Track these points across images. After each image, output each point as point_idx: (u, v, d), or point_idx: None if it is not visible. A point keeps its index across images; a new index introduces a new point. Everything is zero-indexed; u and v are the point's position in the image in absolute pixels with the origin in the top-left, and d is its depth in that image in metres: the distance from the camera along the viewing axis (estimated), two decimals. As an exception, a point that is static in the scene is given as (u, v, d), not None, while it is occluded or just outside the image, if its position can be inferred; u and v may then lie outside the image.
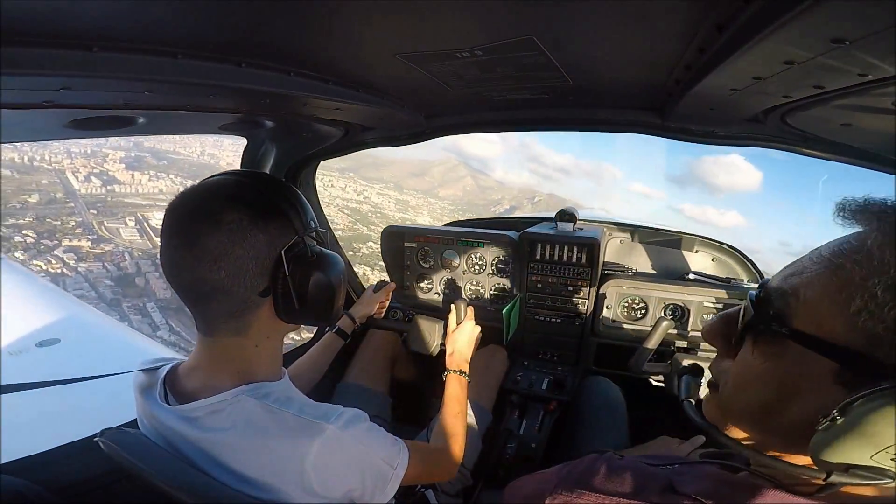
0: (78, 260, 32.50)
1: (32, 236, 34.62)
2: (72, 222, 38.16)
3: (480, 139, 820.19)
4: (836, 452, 0.60)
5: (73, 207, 43.36)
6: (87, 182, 54.63)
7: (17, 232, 35.21)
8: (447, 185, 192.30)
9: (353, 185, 57.13)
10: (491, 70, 1.27)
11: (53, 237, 35.57)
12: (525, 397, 2.42)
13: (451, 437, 1.52)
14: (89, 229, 37.13)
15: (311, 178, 2.49)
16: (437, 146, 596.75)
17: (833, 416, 0.59)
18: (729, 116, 1.46)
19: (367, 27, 0.98)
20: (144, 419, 1.15)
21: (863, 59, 0.76)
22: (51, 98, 0.97)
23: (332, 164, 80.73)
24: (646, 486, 0.82)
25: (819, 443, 0.61)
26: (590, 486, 0.86)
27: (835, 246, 0.67)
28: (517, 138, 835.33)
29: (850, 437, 0.58)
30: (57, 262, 32.11)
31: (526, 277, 2.56)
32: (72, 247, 33.35)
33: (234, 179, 1.06)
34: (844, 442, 0.59)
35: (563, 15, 0.92)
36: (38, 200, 41.94)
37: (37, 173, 47.69)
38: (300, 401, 1.09)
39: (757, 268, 2.58)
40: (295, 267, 1.04)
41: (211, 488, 0.98)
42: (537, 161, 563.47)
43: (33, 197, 42.37)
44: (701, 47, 0.98)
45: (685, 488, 0.78)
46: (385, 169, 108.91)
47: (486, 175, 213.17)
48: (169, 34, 0.90)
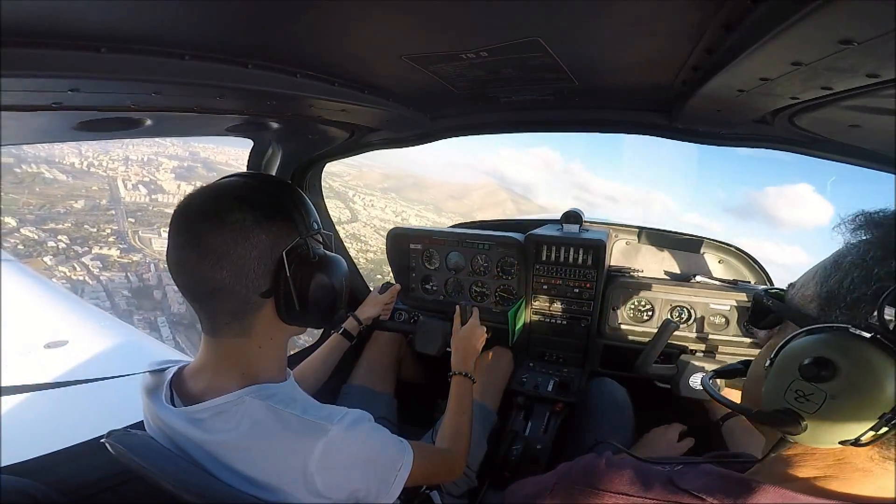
0: (102, 268, 32.46)
1: (65, 242, 34.67)
2: (108, 230, 38.34)
3: (524, 165, 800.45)
4: (767, 396, 0.75)
5: (114, 215, 43.45)
6: (135, 190, 54.49)
7: (52, 236, 35.22)
8: (486, 209, 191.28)
9: (393, 205, 57.33)
10: (496, 71, 1.27)
11: (86, 244, 35.59)
12: (531, 398, 2.41)
13: (456, 439, 1.52)
14: (123, 238, 37.21)
15: (317, 180, 2.50)
16: (478, 170, 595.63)
17: (768, 364, 0.76)
18: (736, 117, 1.46)
19: (374, 29, 0.99)
20: (150, 421, 1.15)
21: (871, 61, 0.76)
22: (59, 100, 0.98)
23: (375, 183, 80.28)
24: (646, 482, 0.84)
25: (764, 390, 0.76)
26: (589, 483, 0.88)
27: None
28: (561, 164, 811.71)
29: (771, 378, 0.75)
30: (81, 269, 32.14)
31: (531, 279, 2.55)
32: (100, 255, 33.34)
33: (239, 180, 1.07)
34: (769, 384, 0.75)
35: (568, 16, 0.92)
36: (83, 206, 41.98)
37: (89, 178, 47.77)
38: (304, 402, 1.09)
39: (764, 270, 2.56)
40: (297, 268, 1.04)
41: (216, 489, 0.99)
42: (583, 188, 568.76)
43: (79, 202, 42.36)
44: (708, 48, 0.98)
45: (686, 485, 0.80)
46: (426, 191, 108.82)
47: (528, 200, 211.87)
48: (177, 36, 0.90)
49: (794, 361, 0.70)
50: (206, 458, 1.04)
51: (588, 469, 0.92)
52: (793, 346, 0.72)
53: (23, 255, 33.76)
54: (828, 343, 0.68)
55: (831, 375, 0.66)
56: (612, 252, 2.67)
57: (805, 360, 0.68)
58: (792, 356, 0.71)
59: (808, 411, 0.69)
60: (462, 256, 2.75)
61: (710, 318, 2.39)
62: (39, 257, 33.03)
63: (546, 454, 2.16)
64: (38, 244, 34.54)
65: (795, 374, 0.70)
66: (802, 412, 0.70)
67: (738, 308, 2.33)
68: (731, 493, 0.76)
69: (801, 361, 0.69)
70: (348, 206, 48.23)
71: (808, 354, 0.69)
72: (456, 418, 1.58)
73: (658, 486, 0.82)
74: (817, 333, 0.70)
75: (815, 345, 0.69)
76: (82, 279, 31.28)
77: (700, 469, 0.85)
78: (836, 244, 0.81)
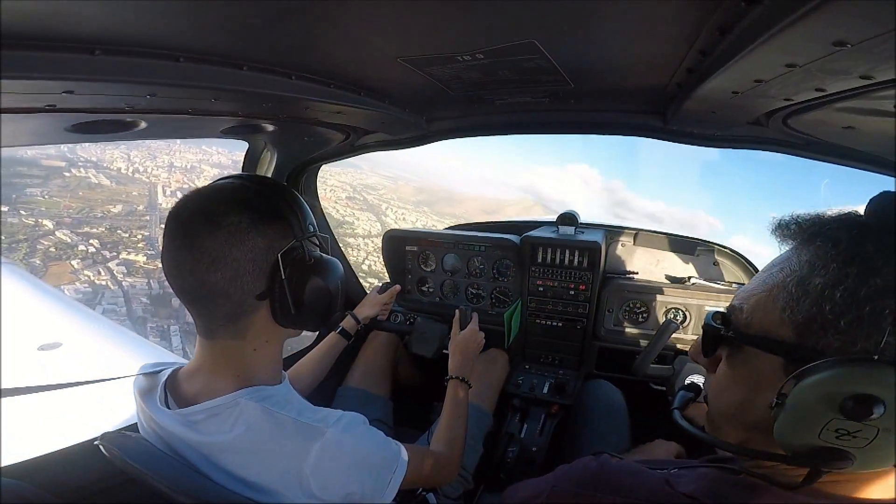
0: (126, 274, 32.17)
1: (96, 246, 34.43)
2: (139, 235, 38.22)
3: (561, 182, 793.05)
4: (789, 434, 0.69)
5: (148, 221, 43.41)
6: (172, 197, 53.80)
7: (84, 240, 34.97)
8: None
9: (424, 219, 57.53)
10: (492, 73, 1.27)
11: (115, 249, 35.41)
12: (526, 401, 2.42)
13: (451, 443, 1.51)
14: (152, 244, 37.08)
15: (312, 182, 2.49)
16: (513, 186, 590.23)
17: (777, 402, 0.68)
18: (731, 119, 1.46)
19: (369, 31, 0.98)
20: (145, 423, 1.15)
21: (865, 62, 0.76)
22: (53, 102, 0.98)
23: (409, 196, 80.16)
24: (643, 486, 0.84)
25: (777, 429, 0.69)
26: (587, 486, 0.88)
27: (769, 264, 0.81)
28: (601, 182, 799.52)
29: (792, 417, 0.67)
30: (105, 274, 31.91)
31: (527, 281, 2.55)
32: (127, 260, 32.98)
33: (235, 182, 1.07)
34: (791, 423, 0.68)
35: (564, 18, 0.92)
36: (120, 211, 41.76)
37: (132, 184, 47.56)
38: (300, 404, 1.09)
39: (758, 271, 2.57)
40: (292, 271, 1.04)
41: (211, 492, 0.98)
42: (624, 206, 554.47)
43: (117, 207, 42.10)
44: (703, 50, 0.99)
45: (684, 488, 0.80)
46: (459, 205, 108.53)
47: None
48: (171, 38, 0.90)
49: (825, 402, 0.64)
50: (200, 460, 1.03)
51: (586, 472, 0.92)
52: (813, 384, 0.65)
53: (53, 257, 33.66)
54: (864, 378, 0.62)
55: (882, 412, 0.61)
56: (608, 254, 2.68)
57: (844, 399, 0.62)
58: (820, 396, 0.64)
59: (856, 447, 0.65)
60: (458, 258, 2.76)
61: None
62: (68, 260, 32.91)
63: (542, 456, 2.16)
64: (69, 247, 34.29)
65: (833, 414, 0.64)
66: (848, 448, 0.65)
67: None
68: (731, 496, 0.76)
69: (838, 401, 0.63)
70: (380, 219, 48.28)
71: (843, 393, 0.63)
72: (451, 422, 1.58)
73: (656, 490, 0.82)
74: (836, 368, 0.64)
75: (849, 382, 0.63)
76: (105, 284, 31.07)
77: (697, 472, 0.85)
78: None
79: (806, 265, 0.71)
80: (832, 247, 0.69)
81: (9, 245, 34.67)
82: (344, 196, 56.17)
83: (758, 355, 0.75)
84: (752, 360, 0.77)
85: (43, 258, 33.53)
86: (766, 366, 0.74)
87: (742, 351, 0.79)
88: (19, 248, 34.32)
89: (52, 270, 32.28)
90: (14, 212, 38.52)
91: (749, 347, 0.77)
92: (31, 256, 33.54)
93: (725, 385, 0.83)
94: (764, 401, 0.72)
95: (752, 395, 0.76)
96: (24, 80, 0.82)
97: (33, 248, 34.48)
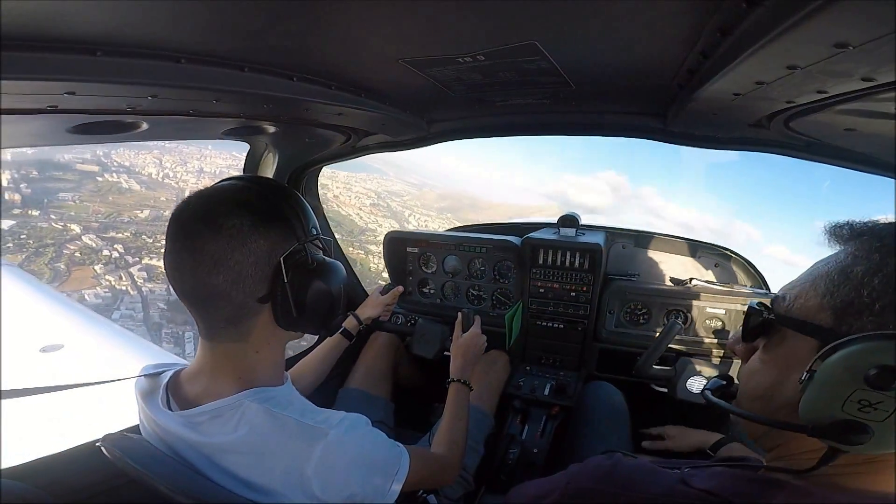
0: (147, 279, 32.25)
1: (120, 251, 34.50)
2: (163, 240, 39.99)
3: (589, 189, 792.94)
4: (814, 408, 0.72)
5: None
6: None
7: (109, 245, 35.01)
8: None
9: (447, 225, 58.52)
10: (493, 75, 1.27)
11: (138, 254, 35.48)
12: (527, 402, 2.41)
13: (452, 445, 1.51)
14: None
15: (313, 184, 2.49)
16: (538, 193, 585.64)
17: (806, 376, 0.72)
18: (732, 121, 1.46)
19: (371, 32, 0.99)
20: (146, 424, 1.15)
21: (866, 65, 0.76)
22: (55, 103, 0.98)
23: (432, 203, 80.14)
24: (659, 483, 0.85)
25: (803, 403, 0.73)
26: (602, 484, 0.88)
27: (813, 265, 0.83)
28: (630, 188, 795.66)
29: (818, 390, 0.71)
30: (126, 279, 31.89)
31: (528, 283, 2.55)
32: (149, 265, 32.94)
33: (237, 184, 1.06)
34: (816, 396, 0.71)
35: (565, 20, 0.92)
36: (146, 216, 41.88)
37: (161, 189, 47.67)
38: (302, 406, 1.09)
39: (760, 273, 2.57)
40: (295, 274, 1.03)
41: (213, 493, 0.98)
42: (655, 214, 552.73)
43: (144, 212, 42.17)
44: (704, 52, 0.98)
45: (700, 484, 0.81)
46: (482, 212, 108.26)
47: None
48: (173, 39, 0.90)
49: (851, 372, 0.67)
50: (202, 461, 1.03)
51: (600, 469, 0.92)
52: (842, 356, 0.69)
53: (77, 262, 33.77)
54: (890, 350, 0.66)
55: None
56: (609, 256, 2.68)
57: (870, 369, 0.66)
58: (847, 367, 0.68)
59: (875, 420, 0.68)
60: (459, 260, 2.76)
61: (707, 322, 2.40)
62: (91, 265, 33.06)
63: (543, 458, 2.15)
64: (93, 252, 34.38)
65: (858, 384, 0.67)
66: (868, 421, 0.68)
67: (735, 312, 2.34)
68: (751, 492, 0.77)
69: (864, 371, 0.66)
70: (402, 225, 48.63)
71: (870, 364, 0.66)
72: (452, 424, 1.58)
73: (672, 486, 0.83)
74: (866, 342, 0.68)
75: (876, 353, 0.66)
76: (125, 289, 31.08)
77: (711, 471, 0.86)
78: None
79: (850, 256, 0.76)
80: (877, 240, 0.74)
81: (35, 249, 34.77)
82: (368, 203, 56.10)
83: (795, 337, 0.79)
84: (788, 342, 0.81)
85: (67, 263, 33.64)
86: (802, 348, 0.77)
87: (779, 334, 0.83)
88: (45, 253, 34.42)
89: (74, 275, 32.45)
90: (45, 216, 38.69)
91: (787, 330, 0.81)
92: (56, 261, 33.68)
93: (759, 368, 0.86)
94: (794, 381, 0.75)
95: (784, 376, 0.79)
96: (25, 81, 0.82)
97: (59, 252, 34.58)
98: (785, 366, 0.80)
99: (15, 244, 34.90)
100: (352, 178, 10.87)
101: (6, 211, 37.33)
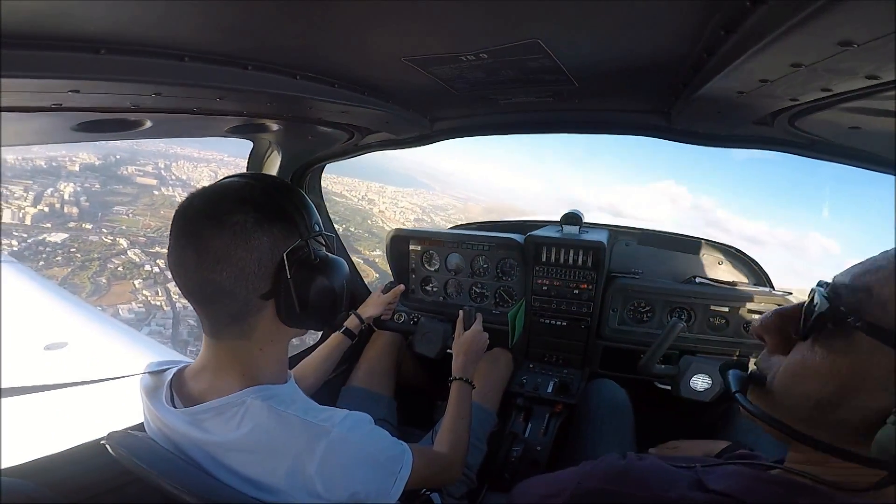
0: (181, 295, 33.11)
1: (161, 266, 34.48)
2: None
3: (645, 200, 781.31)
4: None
5: None
6: None
7: (151, 260, 35.12)
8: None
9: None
10: (496, 73, 1.27)
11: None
12: (530, 400, 2.41)
13: (455, 443, 1.52)
14: None
15: (316, 182, 2.50)
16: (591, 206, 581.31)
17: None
18: (736, 119, 1.46)
19: (374, 31, 0.98)
20: (151, 422, 1.15)
21: (871, 63, 0.76)
22: (59, 101, 0.98)
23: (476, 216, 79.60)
24: (673, 483, 0.81)
25: (882, 439, 0.60)
26: (614, 482, 0.85)
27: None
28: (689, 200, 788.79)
29: None
30: (162, 294, 31.96)
31: (531, 281, 2.54)
32: None
33: (240, 181, 1.06)
34: None
35: (568, 18, 0.92)
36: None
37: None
38: (305, 403, 1.09)
39: (764, 271, 2.57)
40: (298, 270, 1.04)
41: (216, 491, 0.98)
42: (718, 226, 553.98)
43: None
44: (708, 49, 0.98)
45: (716, 485, 0.77)
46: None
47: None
48: (176, 37, 0.90)
49: None
50: (206, 459, 1.04)
51: (612, 469, 0.89)
52: None
53: (118, 276, 34.15)
54: None
55: None
56: (612, 253, 2.67)
57: None
58: None
59: None
60: (462, 258, 2.75)
61: (711, 320, 2.40)
62: (131, 280, 33.33)
63: (546, 455, 2.16)
64: (136, 267, 34.53)
65: None
66: None
67: (738, 309, 2.33)
68: (768, 494, 0.72)
69: None
70: None
71: None
72: (455, 423, 1.58)
73: (687, 487, 0.80)
74: None
75: None
76: (160, 304, 31.15)
77: (725, 470, 0.82)
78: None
79: None
80: None
81: (82, 263, 35.11)
82: (413, 218, 55.98)
83: (876, 349, 0.62)
84: (864, 351, 0.64)
85: (109, 277, 33.92)
86: (884, 363, 0.62)
87: (851, 339, 0.65)
88: (90, 267, 34.68)
89: (114, 290, 32.67)
90: (97, 229, 39.10)
91: (864, 336, 0.64)
92: (98, 275, 33.97)
93: (812, 374, 0.70)
94: (864, 401, 0.63)
95: (849, 393, 0.65)
96: (30, 80, 0.82)
97: (103, 266, 34.88)
98: (859, 381, 0.65)
99: (63, 258, 35.09)
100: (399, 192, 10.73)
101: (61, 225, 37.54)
